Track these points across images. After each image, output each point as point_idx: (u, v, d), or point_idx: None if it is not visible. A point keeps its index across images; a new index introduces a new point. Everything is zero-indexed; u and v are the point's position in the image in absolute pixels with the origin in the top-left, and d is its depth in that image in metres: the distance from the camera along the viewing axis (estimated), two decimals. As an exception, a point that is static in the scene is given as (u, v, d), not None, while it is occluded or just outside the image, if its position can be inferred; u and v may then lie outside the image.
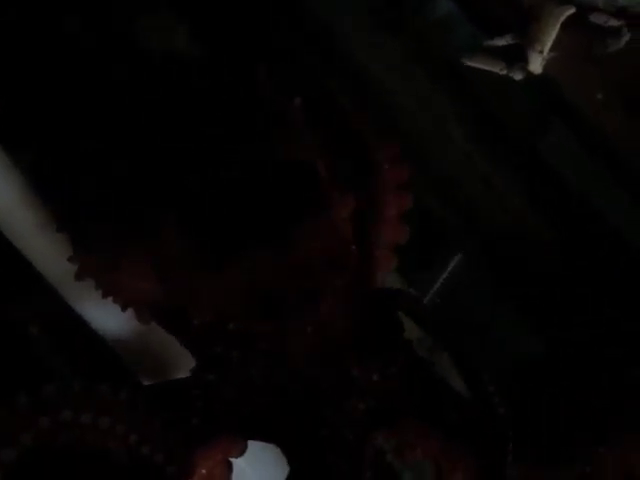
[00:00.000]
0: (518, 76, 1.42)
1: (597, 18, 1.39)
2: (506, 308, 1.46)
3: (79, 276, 1.10)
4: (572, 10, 1.37)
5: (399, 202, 1.15)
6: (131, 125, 1.09)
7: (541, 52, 1.38)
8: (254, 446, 1.08)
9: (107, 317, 1.21)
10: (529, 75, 1.42)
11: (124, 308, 1.11)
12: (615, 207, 1.40)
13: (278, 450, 1.37)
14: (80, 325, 1.24)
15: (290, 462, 1.05)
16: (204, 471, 0.98)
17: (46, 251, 1.19)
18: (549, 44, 1.38)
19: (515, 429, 1.03)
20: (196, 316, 1.04)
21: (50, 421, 0.84)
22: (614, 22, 1.37)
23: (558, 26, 1.37)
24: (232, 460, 1.04)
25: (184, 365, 1.21)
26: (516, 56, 1.42)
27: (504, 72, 1.43)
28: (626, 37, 1.36)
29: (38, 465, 0.84)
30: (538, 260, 1.44)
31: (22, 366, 1.39)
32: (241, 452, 1.03)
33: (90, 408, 0.86)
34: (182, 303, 1.05)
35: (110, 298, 1.12)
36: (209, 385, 1.03)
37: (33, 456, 0.82)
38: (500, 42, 1.43)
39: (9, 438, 0.81)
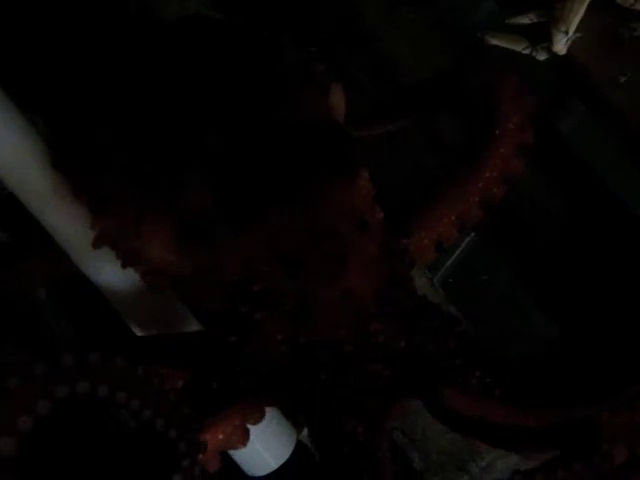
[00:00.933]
0: (541, 56, 1.41)
1: (623, 1, 1.37)
2: (518, 288, 1.46)
3: (97, 243, 1.08)
4: (599, -9, 1.36)
5: (519, 136, 1.16)
6: (154, 85, 1.08)
7: (566, 32, 1.37)
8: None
9: (116, 281, 1.20)
10: (553, 55, 1.40)
11: (144, 277, 1.10)
12: (635, 190, 1.39)
13: (285, 422, 1.37)
14: (88, 290, 1.24)
15: (310, 428, 1.05)
16: (222, 436, 0.97)
17: (59, 215, 1.18)
18: (575, 24, 1.37)
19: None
20: (221, 278, 1.03)
21: (68, 391, 0.83)
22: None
23: (584, 7, 1.36)
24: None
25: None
26: (540, 35, 1.40)
27: (527, 51, 1.41)
28: (652, 20, 1.35)
29: (53, 435, 0.83)
30: (553, 242, 1.43)
31: (29, 330, 1.39)
32: (259, 419, 1.02)
33: (107, 381, 0.85)
34: (205, 267, 1.03)
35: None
36: (231, 347, 1.02)
37: (49, 425, 0.81)
38: (524, 20, 1.42)
39: (26, 405, 0.80)
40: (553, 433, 1.02)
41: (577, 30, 1.38)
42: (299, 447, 1.39)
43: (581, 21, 1.37)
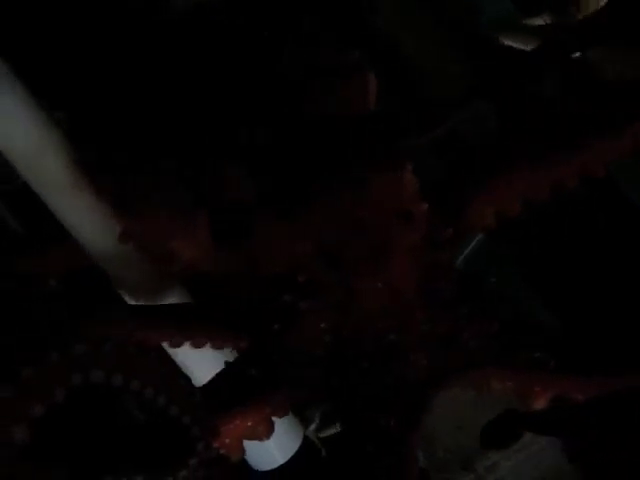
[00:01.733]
0: (555, 57, 1.41)
1: (638, 2, 1.37)
2: (527, 286, 1.46)
3: (123, 239, 1.08)
4: (613, -7, 1.36)
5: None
6: (188, 78, 1.09)
7: (580, 34, 1.37)
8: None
9: (129, 273, 1.21)
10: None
11: (175, 273, 1.11)
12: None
13: (293, 418, 1.38)
14: (100, 279, 1.24)
15: (342, 420, 1.05)
16: (250, 423, 0.98)
17: (73, 205, 1.18)
18: (589, 26, 1.37)
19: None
20: (262, 270, 1.04)
21: (82, 379, 0.83)
22: (655, 7, 1.36)
23: (598, 8, 1.36)
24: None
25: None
26: (554, 36, 1.41)
27: (541, 52, 1.42)
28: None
29: (66, 423, 0.84)
30: (559, 241, 1.43)
31: (39, 319, 1.39)
32: (286, 412, 1.03)
33: (121, 369, 0.86)
34: (244, 261, 1.05)
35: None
36: (273, 335, 1.04)
37: (62, 413, 0.82)
38: (537, 21, 1.42)
39: (40, 393, 0.81)
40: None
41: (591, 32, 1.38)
42: (306, 443, 1.40)
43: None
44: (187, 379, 0.96)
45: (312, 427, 1.44)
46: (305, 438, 1.40)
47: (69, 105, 1.17)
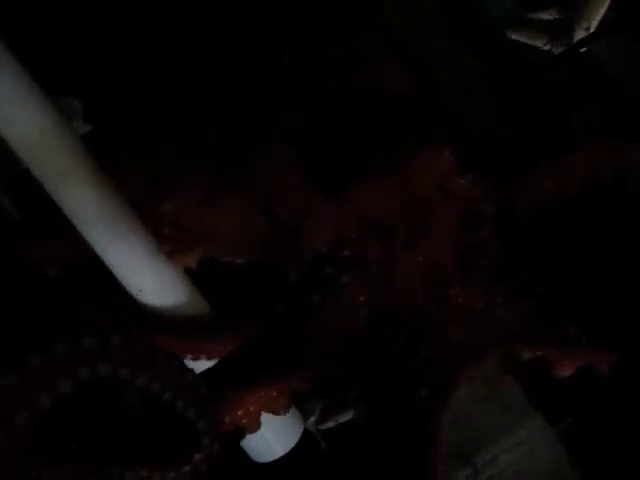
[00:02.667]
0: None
1: (644, -1, 1.37)
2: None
3: (160, 226, 1.09)
4: (621, -11, 1.36)
5: None
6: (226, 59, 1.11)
7: (587, 29, 1.37)
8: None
9: (128, 262, 1.20)
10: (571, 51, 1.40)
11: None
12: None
13: (293, 410, 1.37)
14: (99, 268, 1.23)
15: (371, 398, 1.05)
16: (275, 393, 0.98)
17: (75, 194, 1.17)
18: (596, 22, 1.36)
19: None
20: (313, 243, 1.09)
21: (89, 372, 0.83)
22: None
23: (606, 4, 1.36)
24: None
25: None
26: (560, 31, 1.40)
27: (547, 47, 1.41)
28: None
29: (73, 415, 0.83)
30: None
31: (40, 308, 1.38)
32: (307, 388, 1.04)
33: (128, 363, 0.86)
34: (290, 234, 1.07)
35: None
36: (312, 306, 1.07)
37: (69, 405, 0.82)
38: (545, 16, 1.41)
39: (46, 384, 0.80)
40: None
41: (598, 27, 1.38)
42: (305, 435, 1.40)
43: (602, 18, 1.37)
44: (193, 373, 0.96)
45: (312, 420, 1.43)
46: (305, 430, 1.40)
47: (92, 92, 1.16)
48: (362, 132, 1.08)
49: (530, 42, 1.41)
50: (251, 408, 0.96)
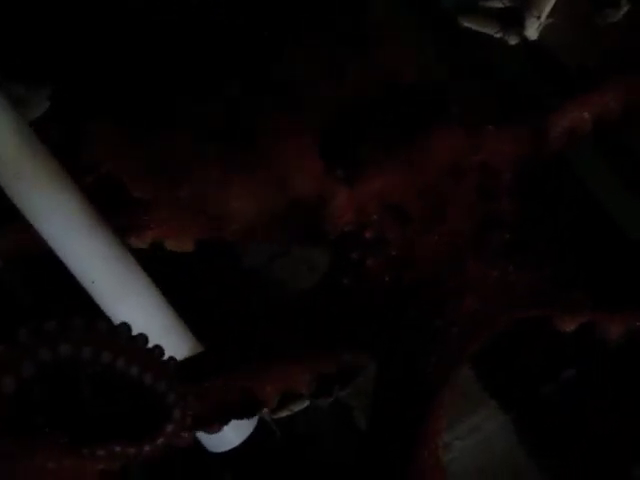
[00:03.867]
0: (513, 40, 1.41)
1: (595, -13, 1.39)
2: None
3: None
4: (571, -23, 1.37)
5: None
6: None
7: (538, 17, 1.38)
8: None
9: (79, 252, 1.19)
10: (524, 40, 1.41)
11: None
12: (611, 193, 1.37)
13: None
14: (50, 260, 1.22)
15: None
16: (307, 377, 0.99)
17: (26, 185, 1.16)
18: (547, 10, 1.38)
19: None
20: (334, 226, 1.14)
21: (51, 354, 0.82)
22: (614, -9, 1.37)
23: (555, -7, 1.37)
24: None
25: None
26: (512, 20, 1.41)
27: (499, 35, 1.42)
28: (625, 8, 1.36)
29: (39, 397, 0.82)
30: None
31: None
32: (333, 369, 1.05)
33: (91, 343, 0.85)
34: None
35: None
36: (342, 290, 1.11)
37: (34, 388, 0.81)
38: (497, 4, 1.42)
39: (9, 368, 0.79)
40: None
41: (549, 15, 1.39)
42: (261, 424, 1.39)
43: (553, 6, 1.38)
44: (160, 347, 0.95)
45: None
46: (260, 420, 1.39)
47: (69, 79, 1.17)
48: (380, 116, 1.14)
49: (482, 30, 1.42)
50: (279, 386, 0.98)
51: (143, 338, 0.88)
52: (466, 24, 1.42)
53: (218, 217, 1.14)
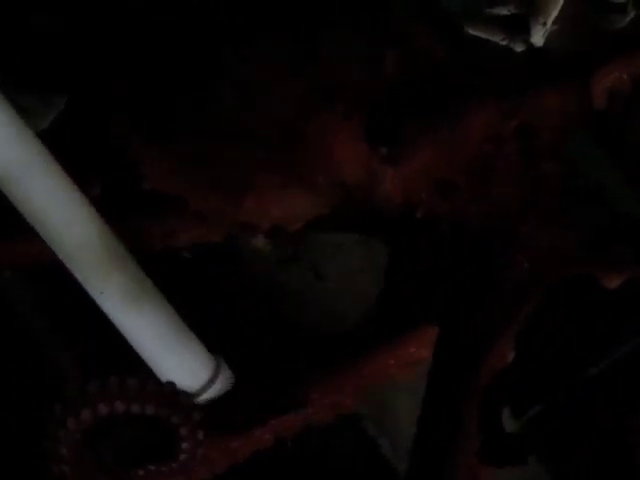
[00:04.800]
0: (519, 48, 1.41)
1: (602, -8, 1.38)
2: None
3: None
4: (578, -17, 1.37)
5: None
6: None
7: (544, 24, 1.37)
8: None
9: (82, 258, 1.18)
10: (530, 47, 1.41)
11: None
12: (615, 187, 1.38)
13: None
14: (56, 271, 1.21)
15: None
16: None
17: (31, 191, 1.15)
18: (553, 16, 1.37)
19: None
20: (386, 208, 1.18)
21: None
22: (621, -2, 1.37)
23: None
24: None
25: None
26: (518, 27, 1.40)
27: (505, 42, 1.41)
28: (632, 14, 1.35)
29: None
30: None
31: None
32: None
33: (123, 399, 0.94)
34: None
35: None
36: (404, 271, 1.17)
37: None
38: (502, 11, 1.42)
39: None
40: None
41: (555, 22, 1.38)
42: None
43: (559, 13, 1.38)
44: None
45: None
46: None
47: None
48: (419, 94, 1.19)
49: (488, 37, 1.41)
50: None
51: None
52: (472, 32, 1.41)
53: (281, 219, 1.16)
